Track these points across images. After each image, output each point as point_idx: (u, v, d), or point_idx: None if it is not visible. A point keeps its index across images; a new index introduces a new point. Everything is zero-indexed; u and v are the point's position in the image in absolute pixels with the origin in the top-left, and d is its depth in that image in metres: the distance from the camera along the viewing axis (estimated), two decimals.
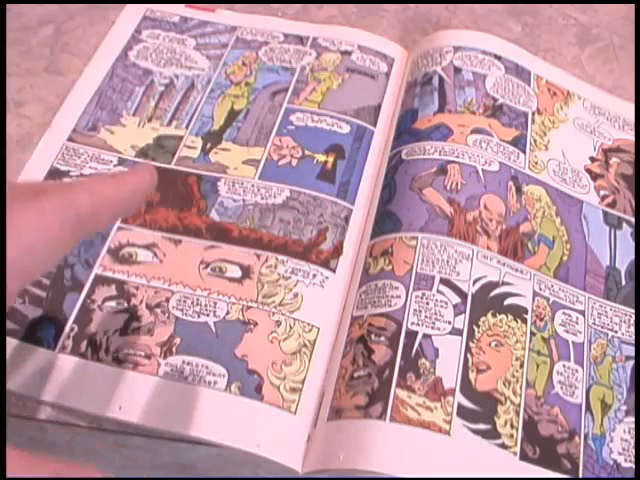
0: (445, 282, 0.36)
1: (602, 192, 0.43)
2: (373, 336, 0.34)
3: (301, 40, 0.49)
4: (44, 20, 0.50)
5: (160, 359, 0.34)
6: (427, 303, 0.35)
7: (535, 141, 0.44)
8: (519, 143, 0.43)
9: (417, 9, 0.54)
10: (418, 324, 0.35)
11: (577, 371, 0.35)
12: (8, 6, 0.50)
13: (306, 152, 0.43)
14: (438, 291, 0.36)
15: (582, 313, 0.37)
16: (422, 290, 0.36)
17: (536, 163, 0.43)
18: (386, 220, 0.39)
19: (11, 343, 0.35)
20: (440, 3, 0.55)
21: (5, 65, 0.47)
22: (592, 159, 0.45)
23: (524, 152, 0.43)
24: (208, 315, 0.36)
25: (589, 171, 0.44)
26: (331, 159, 0.42)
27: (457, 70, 0.46)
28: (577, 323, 0.37)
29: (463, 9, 0.55)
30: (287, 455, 0.32)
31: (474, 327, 0.35)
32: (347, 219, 0.40)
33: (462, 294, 0.36)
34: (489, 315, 0.36)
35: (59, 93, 0.46)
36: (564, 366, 0.35)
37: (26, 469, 0.17)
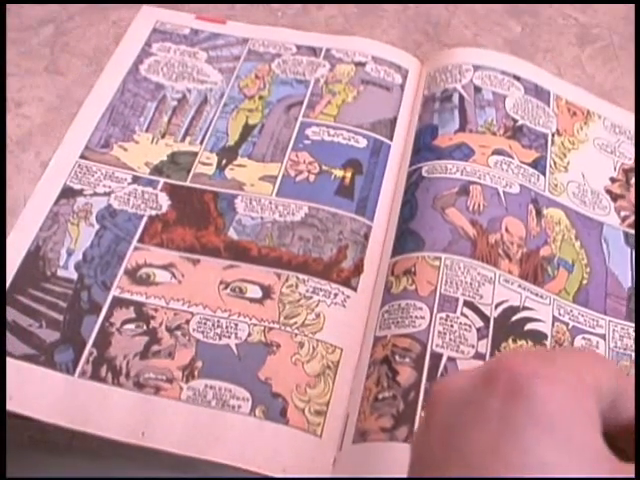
0: (469, 305, 0.36)
1: (623, 213, 0.43)
2: (397, 357, 0.34)
3: (314, 51, 0.49)
4: (44, 20, 0.50)
5: (182, 383, 0.34)
6: (452, 326, 0.35)
7: (555, 163, 0.44)
8: (539, 165, 0.43)
9: (417, 9, 0.54)
10: (443, 346, 0.34)
11: None
12: (8, 6, 0.50)
13: (323, 167, 0.42)
14: (462, 314, 0.35)
15: (603, 337, 0.37)
16: (446, 312, 0.35)
17: (556, 185, 0.43)
18: (408, 238, 0.39)
19: (29, 368, 0.34)
20: (440, 3, 0.54)
21: (5, 65, 0.46)
22: (612, 180, 0.44)
23: (544, 174, 0.43)
24: (229, 337, 0.35)
25: (609, 192, 0.44)
26: (349, 174, 0.42)
27: (477, 89, 0.46)
28: (597, 347, 0.37)
29: (463, 9, 0.54)
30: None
31: (496, 352, 0.34)
32: (367, 236, 0.40)
33: (485, 318, 0.35)
34: (510, 340, 0.35)
35: (59, 93, 0.45)
36: None
37: None
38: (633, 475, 0.19)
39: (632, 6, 0.56)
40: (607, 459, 0.19)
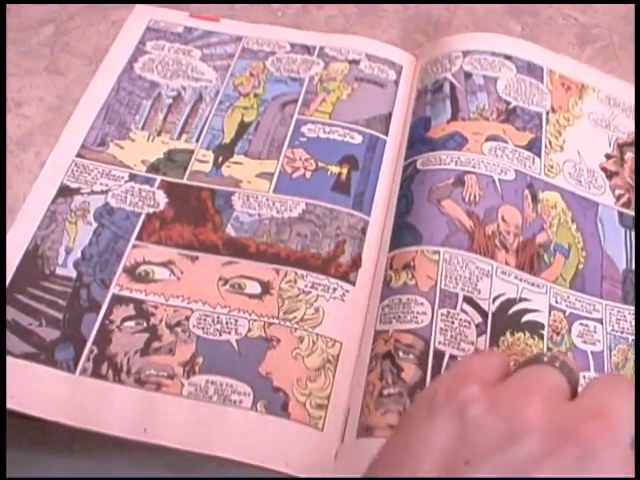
0: (468, 300, 0.36)
1: (617, 191, 0.43)
2: (401, 353, 0.34)
3: (308, 49, 0.49)
4: (44, 20, 0.50)
5: (183, 379, 0.34)
6: (452, 322, 0.35)
7: (550, 143, 0.44)
8: (534, 147, 0.43)
9: (417, 9, 0.54)
10: (445, 344, 0.34)
11: None
12: (8, 6, 0.50)
13: (319, 164, 0.42)
14: (462, 310, 0.35)
15: (600, 321, 0.37)
16: (447, 308, 0.35)
17: (552, 167, 0.43)
18: (405, 232, 0.39)
19: (30, 367, 0.34)
20: (440, 3, 0.55)
21: (5, 65, 0.46)
22: (607, 156, 0.44)
23: (539, 156, 0.43)
24: (230, 333, 0.35)
25: (604, 169, 0.44)
26: (345, 170, 0.42)
27: (467, 75, 0.46)
28: (595, 332, 0.37)
29: (463, 9, 0.55)
30: (316, 472, 0.32)
31: (495, 348, 0.35)
32: (364, 231, 0.40)
33: (483, 313, 0.36)
34: (507, 334, 0.35)
35: (59, 93, 0.45)
36: (584, 377, 0.35)
37: None
38: None
39: (632, 6, 0.56)
40: None
